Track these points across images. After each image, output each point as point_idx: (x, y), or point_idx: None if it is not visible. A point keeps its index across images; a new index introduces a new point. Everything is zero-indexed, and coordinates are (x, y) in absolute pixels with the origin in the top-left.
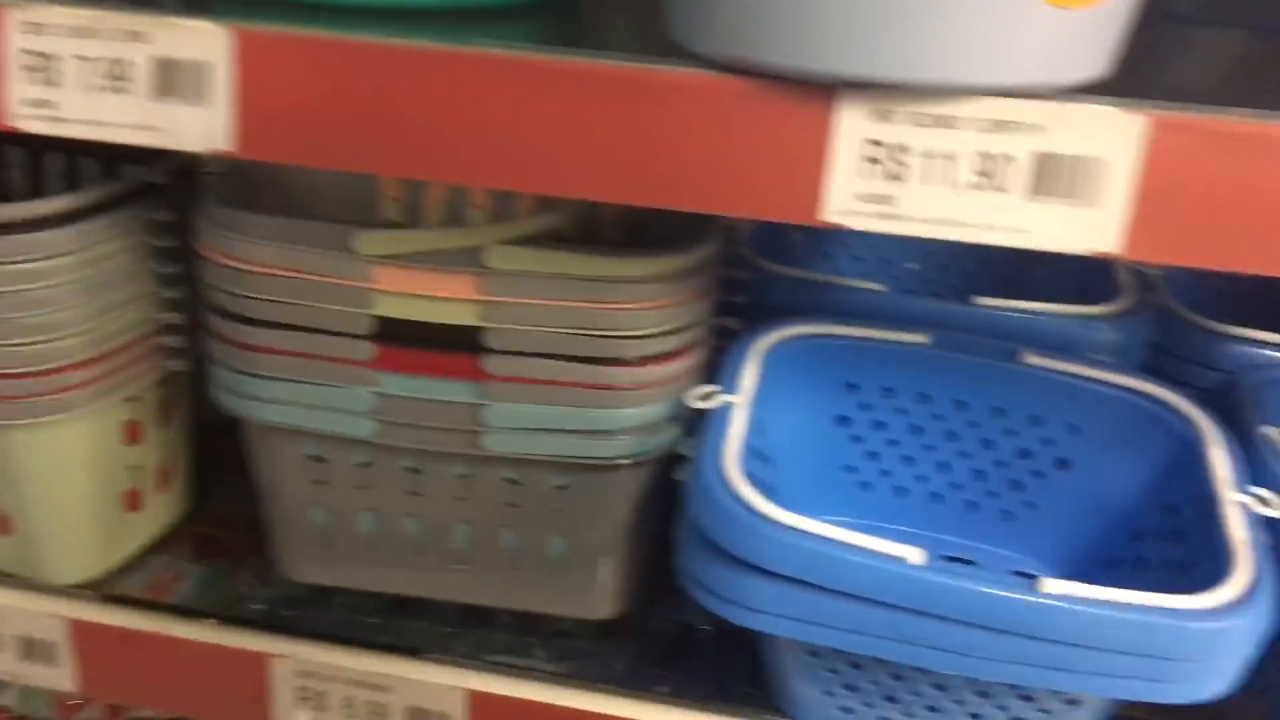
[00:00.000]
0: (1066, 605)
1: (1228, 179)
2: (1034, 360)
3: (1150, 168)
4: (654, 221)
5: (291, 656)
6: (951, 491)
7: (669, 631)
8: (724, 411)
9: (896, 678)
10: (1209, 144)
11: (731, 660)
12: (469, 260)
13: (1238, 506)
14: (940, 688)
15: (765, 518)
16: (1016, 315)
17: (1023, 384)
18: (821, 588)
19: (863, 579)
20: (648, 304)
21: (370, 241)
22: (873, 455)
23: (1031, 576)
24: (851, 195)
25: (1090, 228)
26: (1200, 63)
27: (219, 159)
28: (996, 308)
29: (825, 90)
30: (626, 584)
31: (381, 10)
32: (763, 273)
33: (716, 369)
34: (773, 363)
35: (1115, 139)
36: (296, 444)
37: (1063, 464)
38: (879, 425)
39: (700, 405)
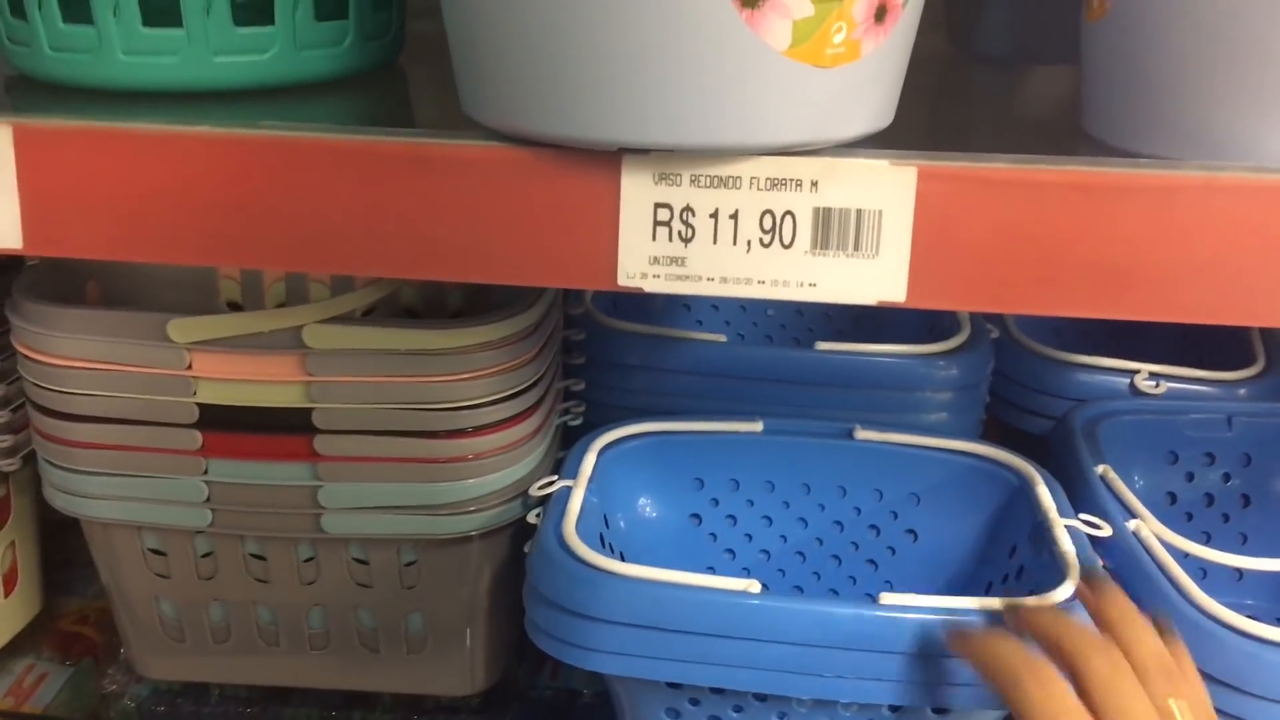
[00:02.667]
0: (905, 616)
1: (994, 224)
2: (866, 435)
3: (921, 217)
4: (493, 286)
5: None
6: (812, 582)
7: (551, 699)
8: (565, 492)
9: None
10: (974, 192)
11: None
12: (291, 341)
13: (1066, 530)
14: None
15: (606, 573)
16: (858, 358)
17: (860, 459)
18: (666, 630)
19: (709, 618)
20: (475, 373)
21: (184, 328)
22: (730, 553)
23: None
24: (645, 258)
25: (875, 278)
26: (999, 105)
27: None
28: (838, 351)
29: (609, 158)
30: (496, 656)
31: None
32: (602, 330)
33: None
34: (616, 461)
35: (888, 191)
36: (135, 538)
37: (911, 534)
38: (731, 520)
39: (542, 494)
